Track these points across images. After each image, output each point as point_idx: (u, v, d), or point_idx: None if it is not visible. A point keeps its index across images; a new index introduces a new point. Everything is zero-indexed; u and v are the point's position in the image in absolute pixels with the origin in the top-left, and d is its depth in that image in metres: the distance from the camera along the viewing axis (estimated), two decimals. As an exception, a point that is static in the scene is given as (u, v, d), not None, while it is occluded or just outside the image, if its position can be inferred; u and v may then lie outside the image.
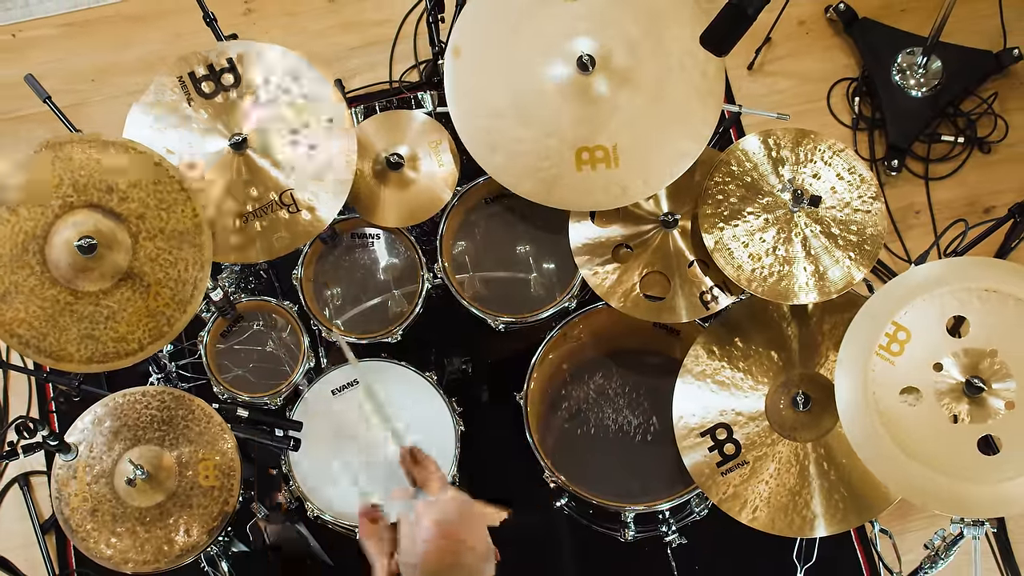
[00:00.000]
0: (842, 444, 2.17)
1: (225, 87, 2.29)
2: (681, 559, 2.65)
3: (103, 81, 3.24)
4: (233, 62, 2.29)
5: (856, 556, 2.74)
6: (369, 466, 2.38)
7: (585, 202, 2.30)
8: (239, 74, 2.29)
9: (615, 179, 2.25)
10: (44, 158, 2.04)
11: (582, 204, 2.31)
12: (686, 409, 2.28)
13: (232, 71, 2.29)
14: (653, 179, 2.26)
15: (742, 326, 2.32)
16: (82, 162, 2.05)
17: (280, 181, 2.26)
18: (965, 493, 1.94)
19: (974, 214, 3.04)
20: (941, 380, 2.00)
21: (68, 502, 2.15)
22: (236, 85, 2.29)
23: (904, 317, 2.03)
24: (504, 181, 2.27)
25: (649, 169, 2.26)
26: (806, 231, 2.25)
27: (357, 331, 2.48)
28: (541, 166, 2.26)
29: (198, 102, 2.28)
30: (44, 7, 3.33)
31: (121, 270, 2.05)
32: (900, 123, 3.06)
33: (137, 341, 2.05)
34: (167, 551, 2.12)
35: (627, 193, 2.26)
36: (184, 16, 3.26)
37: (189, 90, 2.28)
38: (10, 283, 2.02)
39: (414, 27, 3.26)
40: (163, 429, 2.18)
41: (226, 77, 2.29)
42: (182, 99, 2.27)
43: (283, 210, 2.25)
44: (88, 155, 2.06)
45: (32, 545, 2.78)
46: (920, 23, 3.17)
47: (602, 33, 2.27)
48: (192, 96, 2.27)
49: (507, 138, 2.27)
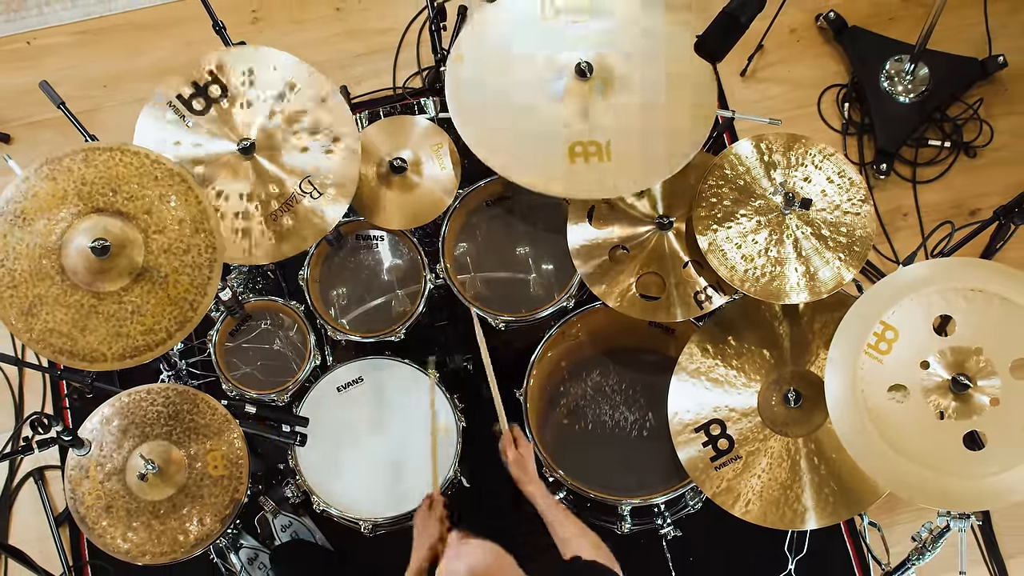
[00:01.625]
0: (832, 440, 2.17)
1: (215, 99, 2.28)
2: (676, 551, 2.65)
3: (115, 87, 3.25)
4: (215, 73, 2.28)
5: (846, 548, 2.74)
6: (375, 461, 2.39)
7: (579, 191, 2.29)
8: (223, 83, 2.28)
9: (608, 171, 2.25)
10: (44, 174, 2.05)
11: (577, 193, 2.30)
12: (681, 405, 2.28)
13: (215, 82, 2.28)
14: (645, 175, 2.26)
15: (735, 325, 2.32)
16: (81, 171, 2.06)
17: (288, 183, 2.26)
18: (951, 487, 1.93)
19: (960, 216, 3.04)
20: (928, 377, 2.00)
21: (82, 501, 2.15)
22: (224, 95, 2.28)
23: (892, 316, 2.03)
24: (508, 175, 2.28)
25: (641, 164, 2.26)
26: (797, 233, 2.25)
27: (362, 330, 2.48)
28: (536, 158, 2.26)
29: (195, 120, 2.27)
30: (58, 15, 3.33)
31: (137, 266, 2.05)
32: (888, 128, 3.06)
33: (164, 330, 2.05)
34: (182, 541, 2.13)
35: (617, 188, 2.26)
36: (194, 24, 3.26)
37: (183, 111, 2.27)
38: (34, 296, 2.02)
39: (417, 35, 3.26)
40: (170, 424, 2.18)
41: (212, 89, 2.28)
42: (179, 122, 2.27)
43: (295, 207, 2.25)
44: (85, 164, 2.07)
45: (47, 538, 2.78)
46: (908, 31, 3.17)
47: (601, 42, 2.28)
48: (186, 115, 2.27)
49: (508, 140, 2.27)
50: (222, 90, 2.29)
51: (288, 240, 2.24)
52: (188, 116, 2.27)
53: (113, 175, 2.09)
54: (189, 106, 2.28)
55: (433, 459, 2.32)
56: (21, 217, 2.04)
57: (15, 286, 2.03)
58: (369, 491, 2.36)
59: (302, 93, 2.30)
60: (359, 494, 2.35)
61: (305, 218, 2.25)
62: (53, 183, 2.06)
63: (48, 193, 2.05)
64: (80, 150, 2.09)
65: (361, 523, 2.33)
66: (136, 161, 2.10)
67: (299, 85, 2.30)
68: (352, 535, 2.40)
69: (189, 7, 3.29)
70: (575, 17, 2.31)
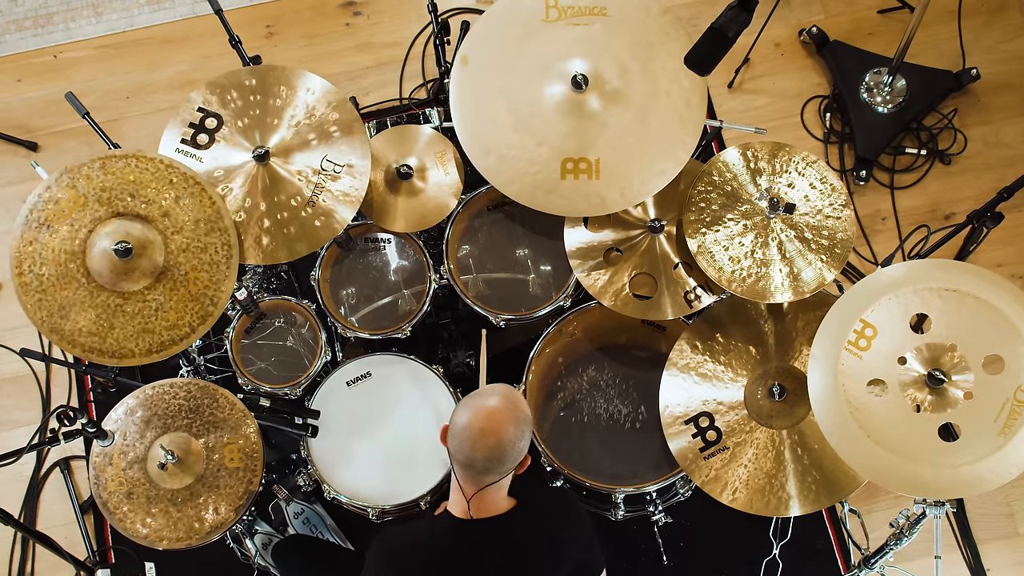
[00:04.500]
0: (814, 431, 2.17)
1: (213, 131, 2.28)
2: (667, 536, 2.65)
3: (137, 98, 3.24)
4: (204, 108, 2.28)
5: (827, 534, 2.74)
6: (382, 452, 2.39)
7: (567, 208, 2.27)
8: (217, 114, 2.27)
9: (595, 190, 2.25)
10: (65, 183, 2.05)
11: (564, 210, 2.28)
12: (671, 399, 2.28)
13: (207, 115, 2.27)
14: (630, 193, 2.25)
15: (723, 323, 2.32)
16: (100, 179, 2.06)
17: (303, 188, 2.26)
18: (927, 476, 1.93)
19: (935, 220, 3.04)
20: (905, 373, 2.00)
21: (105, 487, 2.15)
22: (220, 125, 2.28)
23: (871, 315, 2.03)
24: (495, 182, 2.27)
25: (627, 183, 2.24)
26: (781, 236, 2.25)
27: (370, 327, 2.48)
28: (529, 171, 2.26)
29: (206, 153, 2.27)
30: (83, 31, 3.33)
31: (158, 266, 2.05)
32: (868, 137, 3.05)
33: (188, 325, 2.05)
34: (198, 528, 2.13)
35: (605, 203, 2.25)
36: (211, 39, 3.26)
37: (193, 151, 2.27)
38: (63, 299, 2.02)
39: (422, 49, 3.26)
40: (190, 417, 2.18)
41: (209, 122, 2.28)
42: (194, 159, 2.26)
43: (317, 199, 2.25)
44: (103, 172, 2.07)
45: (72, 524, 2.78)
46: (886, 45, 3.17)
47: (597, 55, 2.27)
48: (196, 154, 2.26)
49: (501, 143, 2.27)
50: (217, 120, 2.27)
51: (303, 239, 2.24)
52: (197, 154, 2.26)
53: (130, 181, 2.09)
54: (195, 143, 2.27)
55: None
56: (45, 224, 2.04)
57: (43, 290, 2.04)
58: (376, 480, 2.35)
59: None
60: (367, 483, 2.35)
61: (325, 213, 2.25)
62: (74, 191, 2.06)
63: (69, 200, 2.06)
64: (98, 159, 2.09)
65: (369, 510, 2.33)
66: (151, 167, 2.11)
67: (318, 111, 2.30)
68: (359, 521, 2.40)
69: (207, 23, 3.29)
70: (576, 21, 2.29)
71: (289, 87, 2.30)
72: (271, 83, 2.31)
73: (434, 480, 2.33)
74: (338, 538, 2.62)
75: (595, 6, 2.30)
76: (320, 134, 2.28)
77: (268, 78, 2.31)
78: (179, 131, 2.28)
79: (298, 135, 2.28)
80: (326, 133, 2.28)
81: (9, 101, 3.24)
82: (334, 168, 2.26)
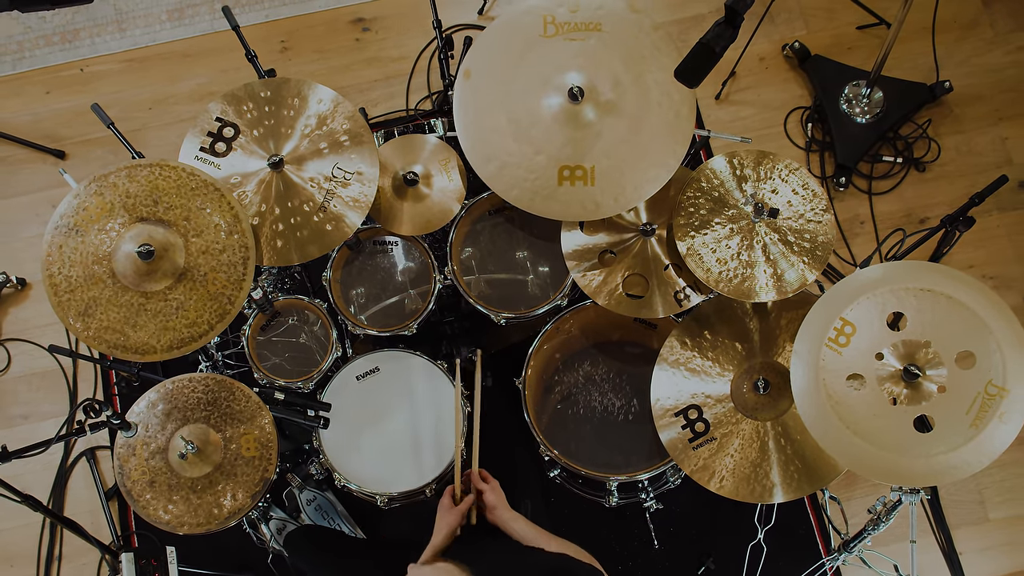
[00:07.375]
0: (797, 423, 2.17)
1: (230, 139, 2.27)
2: (658, 522, 2.65)
3: (159, 109, 3.24)
4: (222, 118, 2.28)
5: (809, 519, 2.74)
6: (390, 442, 2.39)
7: (564, 212, 2.27)
8: (234, 124, 2.27)
9: (590, 195, 2.25)
10: (92, 190, 2.06)
11: (561, 214, 2.28)
12: (662, 392, 2.28)
13: (224, 125, 2.27)
14: (623, 199, 2.25)
15: (710, 321, 2.32)
16: (126, 186, 2.07)
17: (315, 194, 2.26)
18: (903, 465, 1.93)
19: (911, 224, 3.04)
20: (882, 368, 2.00)
21: (129, 476, 2.14)
22: (237, 134, 2.28)
23: (850, 313, 2.03)
24: (496, 188, 2.27)
25: (621, 190, 2.25)
26: (766, 239, 2.25)
27: (378, 325, 2.48)
28: (528, 178, 2.26)
29: (224, 160, 2.26)
30: (108, 45, 3.32)
31: (179, 267, 2.05)
32: (847, 145, 3.05)
33: (206, 323, 2.05)
34: (216, 514, 2.12)
35: (600, 208, 2.25)
36: (229, 54, 3.26)
37: (212, 158, 2.26)
38: (89, 299, 2.03)
39: (427, 63, 3.26)
40: (209, 409, 2.18)
41: (226, 131, 2.28)
42: (212, 166, 2.26)
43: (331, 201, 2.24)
44: (129, 180, 2.07)
45: (98, 511, 2.78)
46: (864, 59, 3.17)
47: (592, 69, 2.27)
48: (214, 161, 2.26)
49: (502, 151, 2.27)
50: (234, 129, 2.27)
51: (315, 242, 2.24)
52: (216, 161, 2.26)
53: (154, 188, 2.09)
54: (214, 151, 2.27)
55: (456, 460, 2.24)
56: (75, 229, 2.05)
57: (72, 291, 2.04)
58: (384, 469, 2.35)
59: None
60: (376, 471, 2.35)
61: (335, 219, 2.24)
62: (101, 198, 2.07)
63: (97, 207, 2.06)
64: (124, 167, 2.09)
65: (377, 497, 2.33)
66: (174, 175, 2.11)
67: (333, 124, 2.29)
68: (368, 508, 2.40)
69: (224, 38, 3.29)
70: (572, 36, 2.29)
71: (301, 98, 2.30)
72: (285, 95, 2.31)
73: (439, 469, 2.33)
74: (348, 524, 2.62)
75: (590, 22, 2.31)
76: (331, 143, 2.28)
77: (282, 90, 2.31)
78: (198, 140, 2.28)
79: (310, 144, 2.28)
80: (337, 142, 2.28)
81: (38, 112, 3.24)
82: (344, 175, 2.26)
